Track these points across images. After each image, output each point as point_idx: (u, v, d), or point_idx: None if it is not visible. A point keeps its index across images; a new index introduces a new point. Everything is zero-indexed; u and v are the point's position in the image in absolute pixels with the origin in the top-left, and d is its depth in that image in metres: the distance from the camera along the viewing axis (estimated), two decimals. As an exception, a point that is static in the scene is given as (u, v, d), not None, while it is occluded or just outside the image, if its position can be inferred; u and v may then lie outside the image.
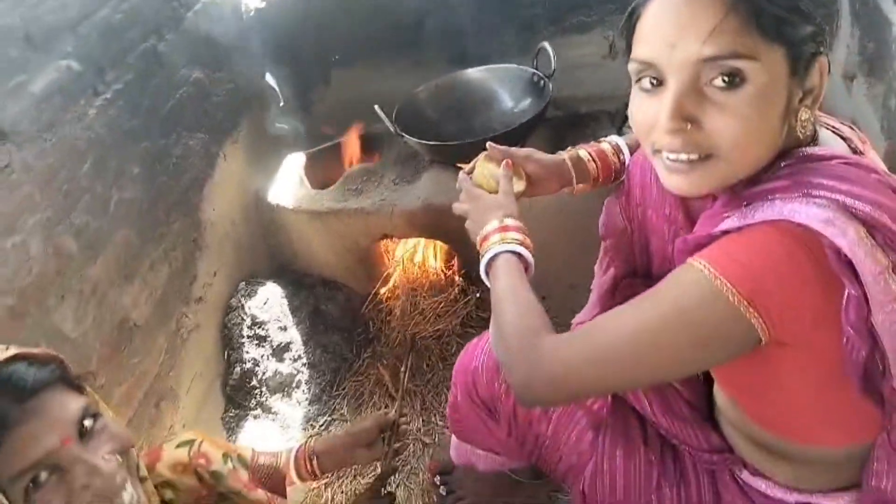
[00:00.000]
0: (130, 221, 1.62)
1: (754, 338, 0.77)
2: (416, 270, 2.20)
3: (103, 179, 1.54)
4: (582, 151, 1.29)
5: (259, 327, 1.99)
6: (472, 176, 1.26)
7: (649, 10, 0.82)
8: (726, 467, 1.06)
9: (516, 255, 1.07)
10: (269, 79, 2.37)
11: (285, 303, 2.09)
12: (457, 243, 2.06)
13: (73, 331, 1.39)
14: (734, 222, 0.81)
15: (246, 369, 1.94)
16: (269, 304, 2.05)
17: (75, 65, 1.49)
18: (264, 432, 1.89)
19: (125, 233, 1.60)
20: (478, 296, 2.07)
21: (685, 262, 0.82)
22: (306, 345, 2.04)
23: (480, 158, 1.27)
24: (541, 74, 1.99)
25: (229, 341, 1.98)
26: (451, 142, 1.94)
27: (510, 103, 2.10)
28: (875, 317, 0.73)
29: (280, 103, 2.39)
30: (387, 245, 2.18)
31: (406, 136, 1.94)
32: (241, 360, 1.95)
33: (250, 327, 1.99)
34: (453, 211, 1.25)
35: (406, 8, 2.20)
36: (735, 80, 0.76)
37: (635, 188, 1.23)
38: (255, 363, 1.95)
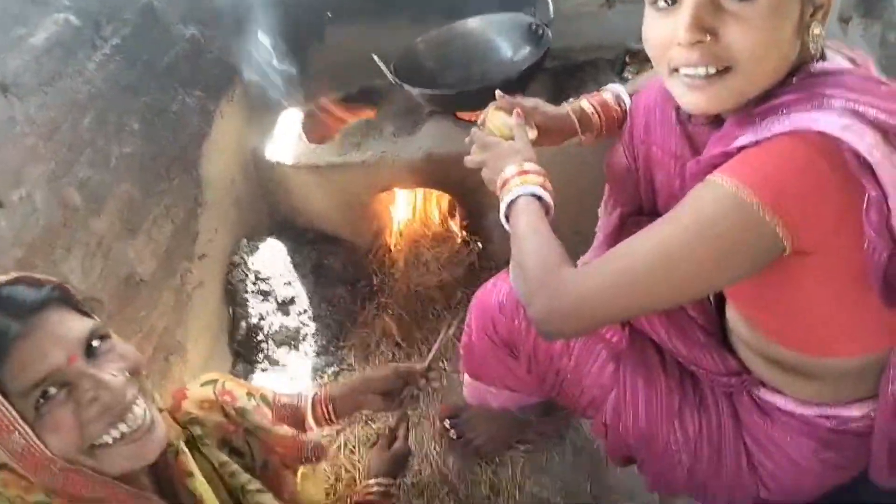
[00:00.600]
0: (132, 176, 1.61)
1: (778, 247, 0.78)
2: (417, 222, 2.20)
3: (104, 133, 1.53)
4: (585, 103, 1.30)
5: (263, 283, 2.00)
6: (483, 127, 1.26)
7: None
8: (744, 389, 1.08)
9: (536, 198, 1.07)
10: (262, 36, 2.34)
11: (288, 258, 2.09)
12: (459, 194, 2.06)
13: (82, 283, 1.39)
14: (750, 138, 0.82)
15: (252, 324, 1.95)
16: (271, 260, 2.05)
17: (73, 18, 1.47)
18: (273, 385, 1.90)
19: (127, 187, 1.59)
20: (480, 246, 2.08)
21: (702, 181, 0.83)
22: (311, 299, 2.05)
23: (490, 109, 1.26)
24: (539, 22, 1.97)
25: (234, 297, 1.98)
26: (450, 90, 1.93)
27: (509, 52, 2.08)
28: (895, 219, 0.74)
29: (273, 61, 2.36)
30: (388, 197, 2.17)
31: (406, 84, 1.93)
32: (246, 316, 1.96)
33: (254, 283, 1.99)
34: (466, 164, 1.24)
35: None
36: None
37: (639, 127, 1.24)
38: (260, 318, 1.96)
